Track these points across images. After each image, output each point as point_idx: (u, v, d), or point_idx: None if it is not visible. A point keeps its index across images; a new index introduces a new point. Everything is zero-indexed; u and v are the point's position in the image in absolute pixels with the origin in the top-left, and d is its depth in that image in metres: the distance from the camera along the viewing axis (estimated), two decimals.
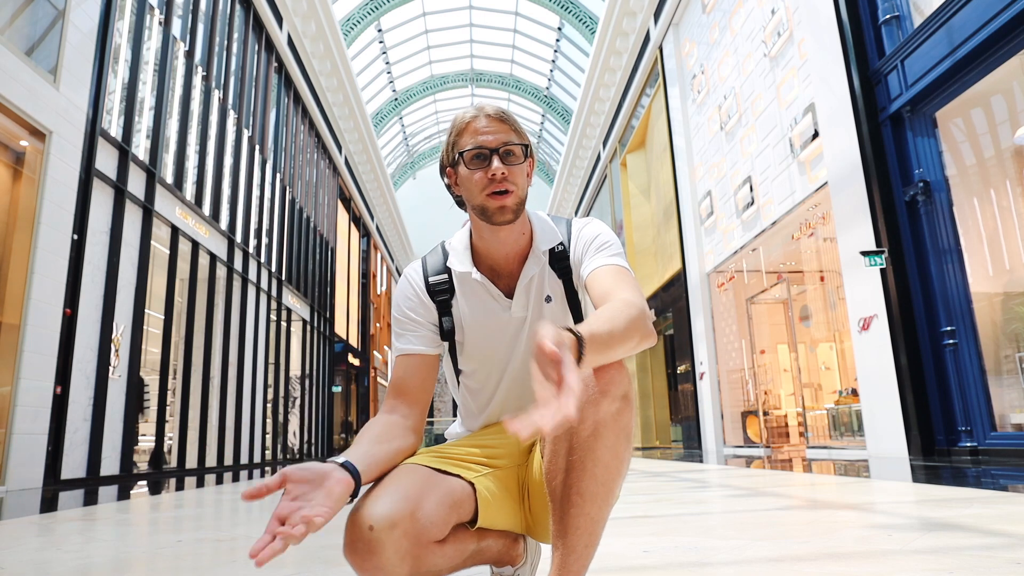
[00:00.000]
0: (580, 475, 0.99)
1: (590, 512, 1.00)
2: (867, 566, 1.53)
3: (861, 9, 6.72)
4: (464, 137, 1.17)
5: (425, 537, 0.99)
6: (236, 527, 2.98)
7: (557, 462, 1.02)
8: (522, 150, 1.17)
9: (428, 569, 1.00)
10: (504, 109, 1.20)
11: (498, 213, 1.16)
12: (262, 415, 12.41)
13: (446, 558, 1.04)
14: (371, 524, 0.93)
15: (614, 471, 1.01)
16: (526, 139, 1.20)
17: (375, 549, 0.93)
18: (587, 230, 1.25)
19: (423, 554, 0.98)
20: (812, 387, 9.87)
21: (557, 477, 1.02)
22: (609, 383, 0.98)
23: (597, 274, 1.15)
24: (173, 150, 9.24)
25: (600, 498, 1.00)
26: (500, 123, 1.17)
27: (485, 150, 1.15)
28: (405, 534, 0.95)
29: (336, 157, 18.95)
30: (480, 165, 1.15)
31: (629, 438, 1.03)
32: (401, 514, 0.96)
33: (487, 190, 1.15)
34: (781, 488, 3.86)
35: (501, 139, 1.16)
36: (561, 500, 1.01)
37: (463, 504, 1.09)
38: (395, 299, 1.26)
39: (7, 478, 5.72)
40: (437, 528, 1.01)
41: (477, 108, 1.19)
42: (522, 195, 1.19)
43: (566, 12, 20.26)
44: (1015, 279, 5.55)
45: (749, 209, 9.55)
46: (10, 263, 6.14)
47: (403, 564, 0.95)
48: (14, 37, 6.18)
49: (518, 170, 1.17)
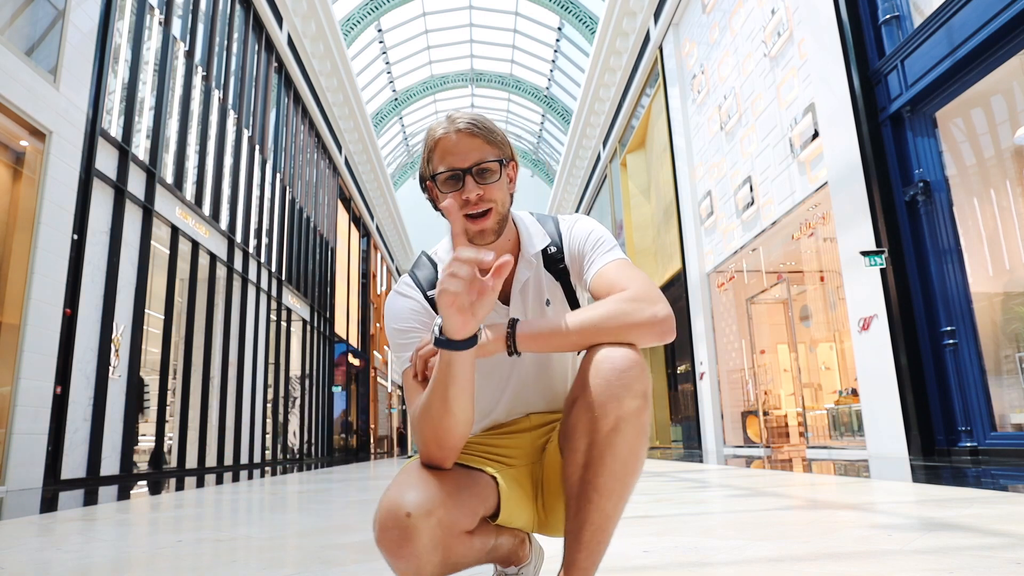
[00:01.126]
0: (599, 470, 1.00)
1: (605, 508, 1.01)
2: (867, 566, 1.53)
3: (861, 9, 6.71)
4: (436, 157, 1.12)
5: (458, 527, 1.00)
6: (236, 527, 2.98)
7: (576, 458, 1.02)
8: (498, 164, 1.12)
9: (455, 560, 1.01)
10: (476, 118, 1.13)
11: (478, 236, 1.13)
12: (262, 415, 12.41)
13: (473, 550, 1.05)
14: (408, 511, 0.95)
15: (631, 468, 1.02)
16: (504, 148, 1.14)
17: (411, 536, 0.94)
18: (577, 228, 1.22)
19: (454, 544, 0.99)
20: (812, 387, 9.86)
21: (576, 473, 1.02)
22: (632, 380, 0.99)
23: (603, 273, 1.13)
24: (173, 150, 9.24)
25: (616, 494, 1.01)
26: (471, 138, 1.10)
27: (458, 171, 1.10)
28: (440, 523, 0.97)
29: (336, 157, 18.95)
30: (454, 187, 1.10)
31: (647, 436, 1.04)
32: (436, 503, 0.97)
33: (463, 212, 1.10)
34: (781, 488, 3.86)
35: (474, 158, 1.10)
36: (578, 495, 1.02)
37: (488, 498, 1.10)
38: (394, 314, 1.18)
39: (7, 478, 5.72)
40: (468, 519, 1.02)
41: (449, 121, 1.13)
42: (503, 211, 1.14)
43: (566, 12, 20.26)
44: (1015, 279, 5.55)
45: (749, 209, 9.55)
46: (10, 263, 6.14)
47: (435, 552, 0.96)
48: (14, 37, 6.18)
49: (496, 186, 1.12)
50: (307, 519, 3.13)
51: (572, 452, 1.03)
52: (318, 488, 5.63)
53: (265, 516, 3.49)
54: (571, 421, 1.04)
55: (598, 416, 0.99)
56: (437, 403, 1.00)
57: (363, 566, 1.78)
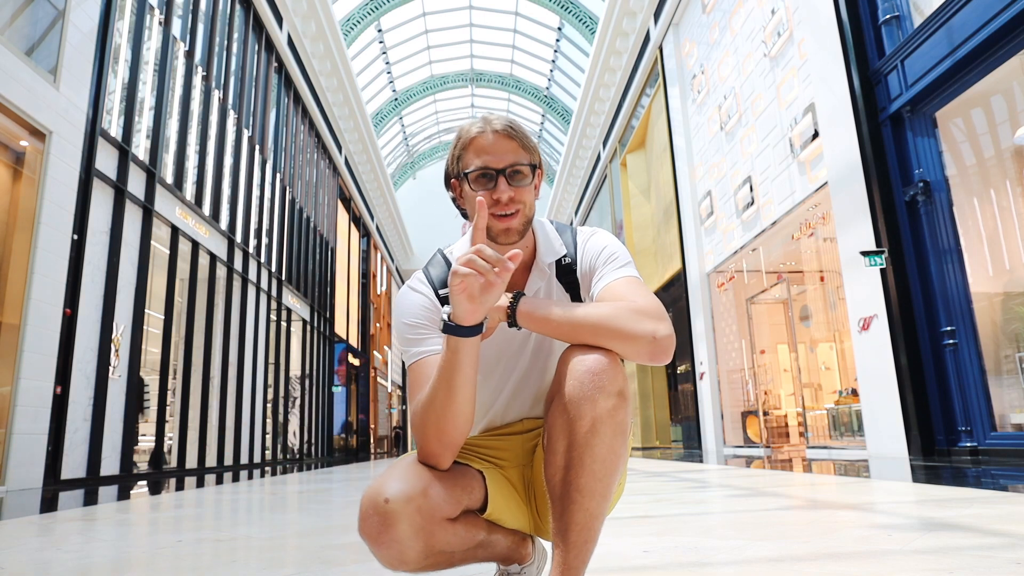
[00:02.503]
0: (579, 471, 1.01)
1: (589, 508, 1.01)
2: (867, 566, 1.53)
3: (861, 9, 6.71)
4: (469, 154, 1.13)
5: (439, 513, 1.01)
6: (236, 527, 2.98)
7: (556, 460, 1.03)
8: (530, 169, 1.13)
9: (440, 548, 1.02)
10: (512, 122, 1.14)
11: (503, 235, 1.13)
12: (262, 415, 12.41)
13: (457, 537, 1.06)
14: (387, 497, 0.97)
15: (611, 467, 1.02)
16: (535, 155, 1.16)
17: (390, 521, 0.96)
18: (593, 242, 1.23)
19: (436, 530, 1.01)
20: (812, 387, 9.86)
21: (557, 475, 1.03)
22: (606, 381, 1.00)
23: (610, 289, 1.14)
24: (173, 150, 9.24)
25: (598, 494, 1.02)
26: (507, 140, 1.12)
27: (491, 171, 1.11)
28: (419, 509, 0.98)
29: (336, 157, 18.95)
30: (485, 185, 1.11)
31: (626, 434, 1.04)
32: (415, 490, 0.99)
33: (492, 211, 1.11)
34: (781, 488, 3.86)
35: (508, 159, 1.11)
36: (561, 497, 1.02)
37: (473, 489, 1.11)
38: (404, 308, 1.19)
39: (7, 478, 5.72)
40: (449, 505, 1.04)
41: (484, 121, 1.14)
42: (529, 214, 1.15)
43: (566, 12, 20.25)
44: (1015, 279, 5.55)
45: (749, 209, 9.55)
46: (10, 263, 6.14)
47: (417, 539, 0.98)
48: (14, 37, 6.18)
49: (526, 190, 1.13)
50: (307, 519, 3.13)
51: (552, 454, 1.03)
52: (318, 488, 5.63)
53: (265, 516, 3.49)
54: (548, 424, 1.05)
55: (574, 418, 1.00)
56: (442, 393, 1.02)
57: (363, 566, 1.78)
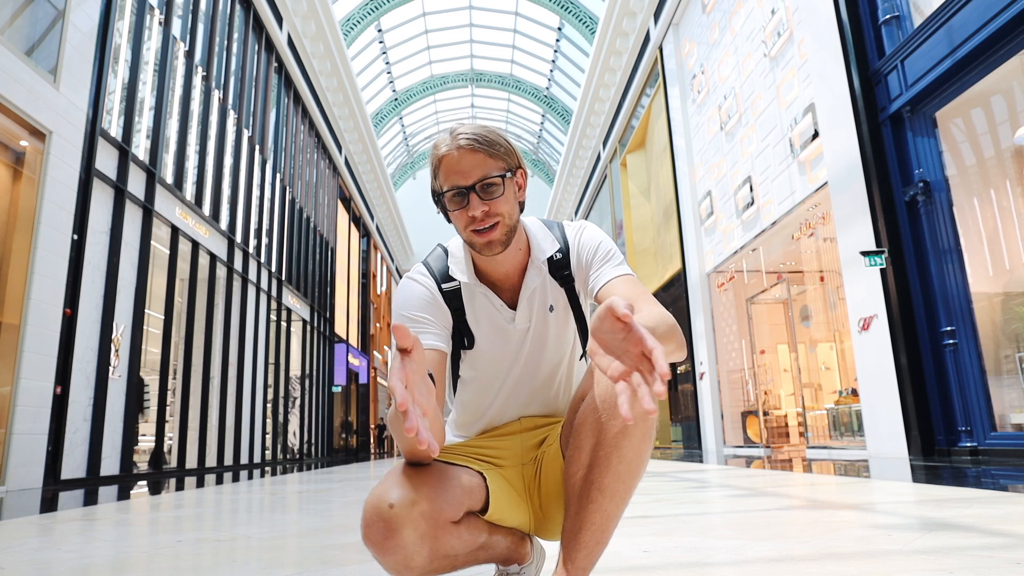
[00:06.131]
0: (604, 471, 1.00)
1: (607, 509, 1.01)
2: (867, 566, 1.53)
3: (861, 9, 6.71)
4: (441, 174, 1.13)
5: (442, 517, 1.00)
6: (236, 527, 2.98)
7: (581, 457, 1.02)
8: (501, 179, 1.11)
9: (445, 552, 1.01)
10: (477, 133, 1.11)
11: (486, 248, 1.13)
12: (262, 415, 12.41)
13: (461, 541, 1.05)
14: (391, 503, 0.96)
15: (635, 470, 1.02)
16: (509, 158, 1.13)
17: (395, 527, 0.95)
18: (585, 236, 1.23)
19: (440, 534, 1.00)
20: (812, 387, 9.86)
21: (579, 472, 1.02)
22: None
23: (612, 287, 1.14)
24: (173, 150, 9.24)
25: (619, 496, 1.01)
26: (473, 154, 1.10)
27: (462, 188, 1.10)
28: (423, 514, 0.97)
29: (336, 157, 18.95)
30: (460, 204, 1.11)
31: (652, 440, 1.04)
32: (419, 495, 0.98)
33: (470, 227, 1.11)
34: (781, 488, 3.86)
35: (476, 175, 1.10)
36: (580, 495, 1.02)
37: (474, 491, 1.10)
38: (405, 299, 1.19)
39: (7, 478, 5.72)
40: (453, 509, 1.03)
41: (452, 136, 1.12)
42: (511, 222, 1.14)
43: (566, 12, 20.25)
44: (1015, 279, 5.55)
45: (749, 209, 9.55)
46: (10, 263, 6.14)
47: (422, 544, 0.97)
48: (14, 37, 6.18)
49: (501, 200, 1.11)
50: (307, 519, 3.13)
51: (577, 451, 1.03)
52: (318, 488, 5.63)
53: (265, 516, 3.49)
54: (577, 421, 1.04)
55: (605, 418, 0.98)
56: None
57: (363, 566, 1.78)
